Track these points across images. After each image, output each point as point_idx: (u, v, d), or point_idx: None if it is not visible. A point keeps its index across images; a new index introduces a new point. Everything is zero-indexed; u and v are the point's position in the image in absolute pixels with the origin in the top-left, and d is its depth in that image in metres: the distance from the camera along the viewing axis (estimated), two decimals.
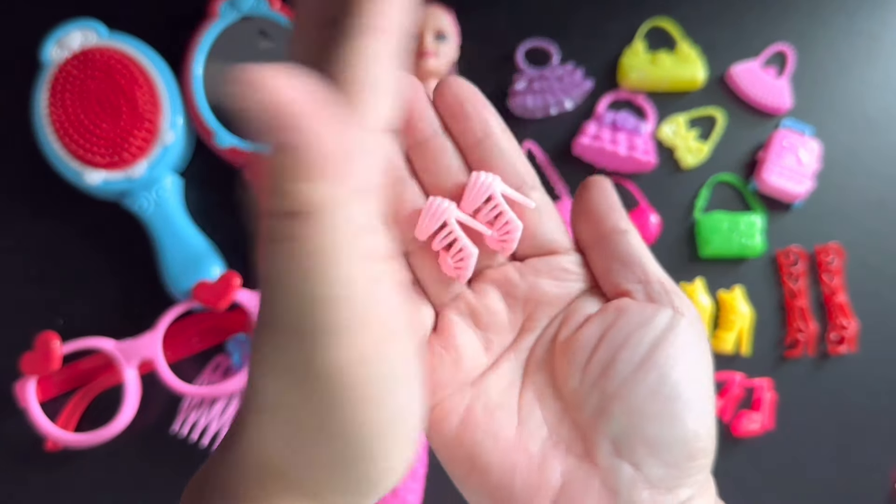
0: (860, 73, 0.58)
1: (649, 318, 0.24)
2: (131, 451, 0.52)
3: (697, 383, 0.23)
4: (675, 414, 0.23)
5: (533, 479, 0.23)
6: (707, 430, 0.23)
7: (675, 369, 0.23)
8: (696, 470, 0.23)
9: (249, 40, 0.56)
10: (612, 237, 0.25)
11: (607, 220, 0.26)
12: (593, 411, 0.23)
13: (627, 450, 0.23)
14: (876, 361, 0.54)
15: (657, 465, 0.23)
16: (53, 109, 0.53)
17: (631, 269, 0.25)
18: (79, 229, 0.57)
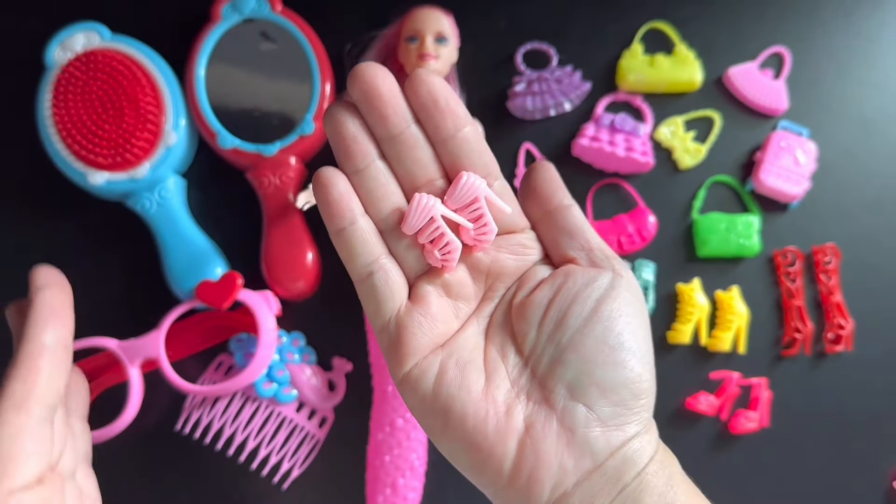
0: (857, 74, 0.59)
1: (593, 279, 0.28)
2: (134, 450, 0.53)
3: (638, 333, 0.27)
4: (620, 359, 0.27)
5: (501, 424, 0.26)
6: (649, 373, 0.28)
7: (618, 321, 0.27)
8: (640, 408, 0.27)
9: (251, 42, 0.56)
10: (557, 212, 0.29)
11: (553, 198, 0.29)
12: (549, 362, 0.27)
13: (580, 392, 0.26)
14: (872, 360, 0.55)
15: (607, 405, 0.26)
16: (57, 111, 0.54)
17: (575, 238, 0.29)
18: (82, 229, 0.57)
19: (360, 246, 0.28)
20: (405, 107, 0.27)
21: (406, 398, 0.28)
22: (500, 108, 0.58)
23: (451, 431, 0.27)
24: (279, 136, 0.55)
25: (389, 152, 0.28)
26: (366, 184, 0.28)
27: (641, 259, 0.56)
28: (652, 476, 0.26)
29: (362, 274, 0.28)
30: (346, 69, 0.58)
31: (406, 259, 0.29)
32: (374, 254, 0.28)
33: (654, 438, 0.28)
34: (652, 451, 0.27)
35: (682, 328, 0.54)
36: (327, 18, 0.58)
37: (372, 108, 0.27)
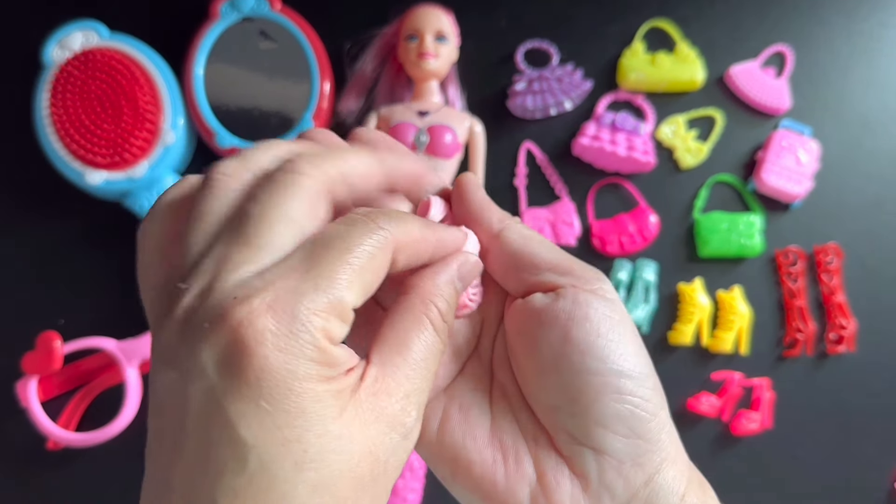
0: (859, 73, 0.59)
1: (550, 308, 0.24)
2: (132, 451, 0.53)
3: (623, 349, 0.24)
4: (612, 386, 0.23)
5: (511, 471, 0.24)
6: (650, 389, 0.24)
7: (595, 344, 0.23)
8: (654, 433, 0.24)
9: (250, 41, 0.56)
10: (492, 245, 0.26)
11: (482, 227, 0.26)
12: (544, 407, 0.25)
13: (583, 436, 0.24)
14: (874, 361, 0.55)
15: (616, 441, 0.23)
16: (55, 110, 0.53)
17: (520, 270, 0.25)
18: (80, 229, 0.57)
19: None
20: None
21: (415, 448, 0.26)
22: (500, 107, 0.58)
23: (460, 479, 0.25)
24: (278, 135, 0.55)
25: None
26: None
27: (643, 259, 0.55)
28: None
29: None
30: (345, 68, 0.57)
31: None
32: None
33: (683, 469, 0.24)
34: (682, 488, 0.24)
35: (684, 328, 0.54)
36: (327, 17, 0.58)
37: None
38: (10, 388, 0.52)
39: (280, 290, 0.19)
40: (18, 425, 0.52)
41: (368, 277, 0.21)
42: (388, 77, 0.57)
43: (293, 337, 0.19)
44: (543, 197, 0.57)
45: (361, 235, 0.21)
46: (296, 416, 0.19)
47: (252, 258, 0.20)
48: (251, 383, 0.18)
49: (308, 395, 0.19)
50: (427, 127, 0.54)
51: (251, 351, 0.19)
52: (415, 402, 0.21)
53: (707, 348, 0.54)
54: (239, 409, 0.18)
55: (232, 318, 0.19)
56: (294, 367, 0.19)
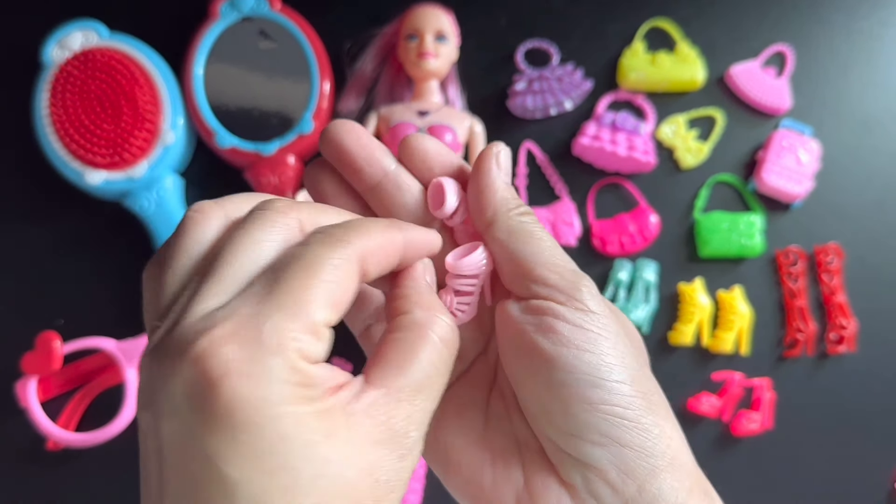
0: (860, 73, 0.58)
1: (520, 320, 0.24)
2: (132, 451, 0.52)
3: (591, 359, 0.23)
4: (578, 396, 0.23)
5: (499, 474, 0.24)
6: (624, 396, 0.23)
7: (561, 357, 0.23)
8: (636, 440, 0.23)
9: (250, 41, 0.56)
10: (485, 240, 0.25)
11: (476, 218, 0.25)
12: (530, 414, 0.24)
13: (563, 443, 0.23)
14: (875, 361, 0.55)
15: (592, 448, 0.23)
16: (54, 110, 0.53)
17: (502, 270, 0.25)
18: (80, 229, 0.57)
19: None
20: (380, 155, 0.25)
21: None
22: (500, 107, 0.57)
23: (450, 479, 0.25)
24: (278, 135, 0.55)
25: (373, 203, 0.26)
26: None
27: (643, 259, 0.55)
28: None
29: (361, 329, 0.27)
30: (345, 67, 0.57)
31: None
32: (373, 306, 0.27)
33: (683, 477, 0.23)
34: (681, 497, 0.23)
35: (684, 328, 0.54)
36: (326, 17, 0.57)
37: (344, 165, 0.26)
38: (10, 388, 0.52)
39: (243, 317, 0.19)
40: (18, 425, 0.52)
41: (337, 292, 0.20)
42: (388, 77, 0.57)
43: (259, 361, 0.18)
44: (544, 197, 0.57)
45: (322, 251, 0.20)
46: (277, 443, 0.18)
47: (219, 291, 0.19)
48: (222, 416, 0.18)
49: (287, 418, 0.18)
50: (427, 127, 0.54)
51: (217, 382, 0.18)
52: (416, 422, 0.21)
53: (707, 348, 0.54)
54: (215, 444, 0.18)
55: (194, 350, 0.18)
56: (265, 393, 0.18)
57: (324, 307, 0.20)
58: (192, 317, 0.19)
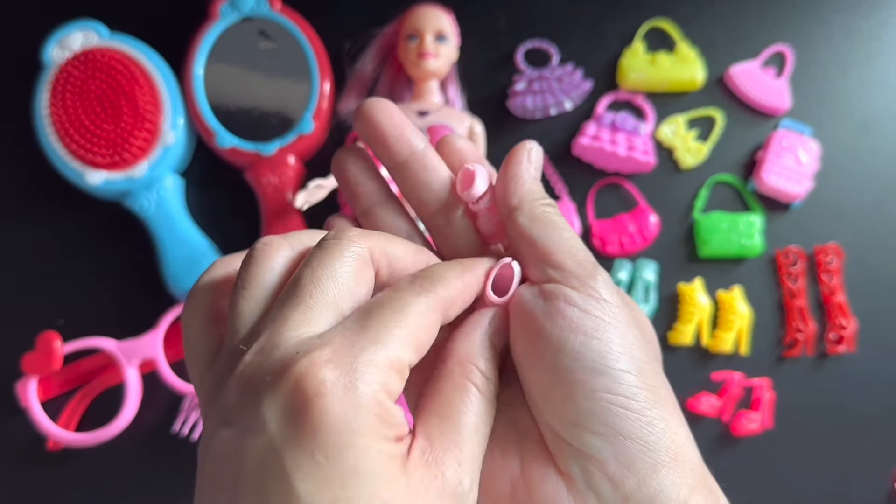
0: (859, 73, 0.59)
1: (530, 305, 0.24)
2: (132, 451, 0.53)
3: (599, 346, 0.23)
4: (583, 383, 0.22)
5: (496, 462, 0.24)
6: (631, 387, 0.22)
7: (568, 342, 0.23)
8: (639, 432, 0.22)
9: (250, 41, 0.56)
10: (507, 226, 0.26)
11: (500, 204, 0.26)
12: (532, 401, 0.24)
13: (564, 432, 0.23)
14: (874, 361, 0.55)
15: (593, 438, 0.22)
16: (54, 110, 0.53)
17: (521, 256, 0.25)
18: (80, 229, 0.57)
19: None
20: (409, 133, 0.26)
21: None
22: (500, 108, 0.58)
23: None
24: (278, 136, 0.55)
25: (399, 181, 0.27)
26: (372, 224, 0.27)
27: (643, 259, 0.55)
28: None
29: None
30: (345, 67, 0.57)
31: None
32: None
33: (687, 474, 0.23)
34: (683, 494, 0.22)
35: (684, 328, 0.54)
36: (326, 17, 0.57)
37: (375, 141, 0.26)
38: (10, 388, 0.52)
39: (339, 346, 0.20)
40: (18, 425, 0.52)
41: (422, 335, 0.22)
42: (388, 77, 0.57)
43: (353, 388, 0.19)
44: None
45: (412, 297, 0.22)
46: (349, 474, 0.19)
47: (309, 319, 0.21)
48: (309, 433, 0.19)
49: (364, 452, 0.19)
50: (427, 127, 0.54)
51: (312, 400, 0.19)
52: (467, 470, 0.21)
53: (707, 348, 0.54)
54: (296, 460, 0.18)
55: (295, 370, 0.19)
56: (352, 419, 0.19)
57: (410, 348, 0.21)
58: (290, 339, 0.20)
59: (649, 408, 0.23)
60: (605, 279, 0.24)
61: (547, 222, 0.25)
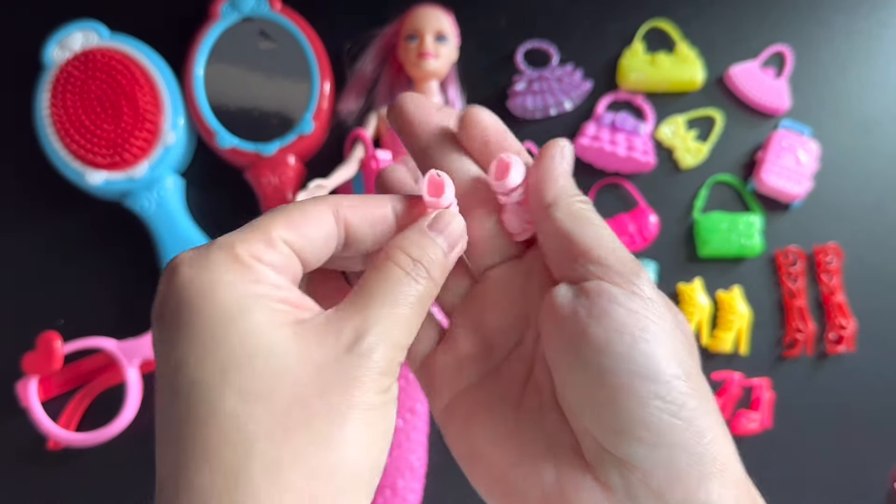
0: (859, 73, 0.59)
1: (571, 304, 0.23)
2: (133, 451, 0.53)
3: (646, 348, 0.21)
4: (630, 388, 0.21)
5: (526, 471, 0.23)
6: (680, 394, 0.21)
7: (614, 344, 0.21)
8: (687, 442, 0.21)
9: (250, 41, 0.56)
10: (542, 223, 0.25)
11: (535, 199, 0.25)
12: (570, 408, 0.23)
13: (606, 440, 0.22)
14: (874, 361, 0.55)
15: (638, 447, 0.21)
16: (55, 110, 0.53)
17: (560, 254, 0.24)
18: (80, 229, 0.57)
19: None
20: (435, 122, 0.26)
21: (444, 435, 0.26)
22: (500, 108, 0.58)
23: (475, 473, 0.24)
24: (278, 136, 0.55)
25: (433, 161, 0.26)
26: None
27: (642, 259, 0.55)
28: None
29: None
30: (345, 68, 0.58)
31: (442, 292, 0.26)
32: None
33: (731, 486, 0.21)
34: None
35: None
36: (326, 17, 0.58)
37: (404, 125, 0.26)
38: (11, 388, 0.52)
39: (209, 242, 0.21)
40: (19, 425, 0.52)
41: (298, 218, 0.22)
42: (388, 77, 0.57)
43: (205, 254, 0.21)
44: None
45: (298, 201, 0.23)
46: (216, 321, 0.19)
47: None
48: (173, 300, 0.20)
49: (228, 298, 0.20)
50: None
51: (171, 273, 0.21)
52: (373, 332, 0.21)
53: (707, 348, 0.55)
54: (167, 330, 0.20)
55: (169, 266, 0.21)
56: (211, 276, 0.20)
57: (281, 227, 0.22)
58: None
59: (699, 416, 0.21)
60: (647, 278, 0.23)
61: (585, 219, 0.24)
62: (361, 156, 0.54)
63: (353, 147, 0.55)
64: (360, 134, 0.55)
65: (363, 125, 0.55)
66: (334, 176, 0.53)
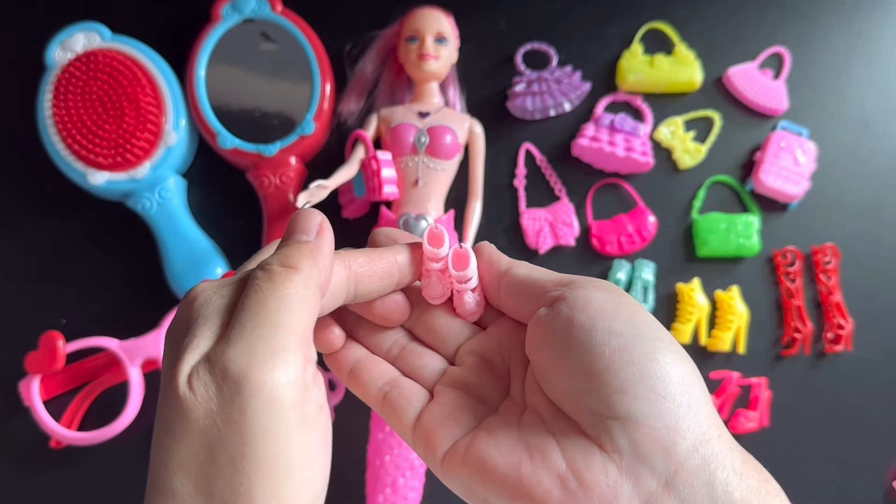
0: (856, 74, 0.59)
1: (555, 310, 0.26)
2: (135, 449, 0.53)
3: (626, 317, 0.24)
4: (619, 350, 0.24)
5: (537, 464, 0.24)
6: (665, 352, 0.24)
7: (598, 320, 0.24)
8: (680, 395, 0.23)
9: (251, 43, 0.57)
10: (503, 282, 0.28)
11: (493, 269, 0.28)
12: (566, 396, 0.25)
13: (606, 407, 0.24)
14: (871, 360, 0.55)
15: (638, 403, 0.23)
16: (57, 111, 0.54)
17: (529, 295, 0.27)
18: (82, 229, 0.57)
19: (369, 378, 0.29)
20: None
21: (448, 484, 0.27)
22: (500, 108, 0.58)
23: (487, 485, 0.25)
24: (279, 137, 0.55)
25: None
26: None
27: (641, 259, 0.56)
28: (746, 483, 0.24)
29: (378, 398, 0.29)
30: (346, 69, 0.58)
31: (421, 371, 0.29)
32: (384, 378, 0.29)
33: (735, 448, 0.24)
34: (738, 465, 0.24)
35: (682, 328, 0.54)
36: (327, 18, 0.58)
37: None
38: (14, 387, 0.52)
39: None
40: (21, 424, 0.52)
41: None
42: (389, 78, 0.58)
43: (276, 366, 0.22)
44: (543, 197, 0.57)
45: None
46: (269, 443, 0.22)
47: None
48: (239, 408, 0.22)
49: (284, 425, 0.22)
50: (427, 128, 0.54)
51: (241, 379, 0.22)
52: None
53: (705, 347, 0.55)
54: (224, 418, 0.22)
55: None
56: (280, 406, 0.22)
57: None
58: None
59: (686, 375, 0.24)
60: (614, 285, 0.26)
61: (539, 269, 0.28)
62: (362, 156, 0.54)
63: (353, 148, 0.55)
64: (360, 135, 0.55)
65: (364, 126, 0.56)
66: (335, 176, 0.53)
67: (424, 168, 0.54)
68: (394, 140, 0.54)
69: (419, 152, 0.54)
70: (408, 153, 0.54)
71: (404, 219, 0.53)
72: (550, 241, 0.56)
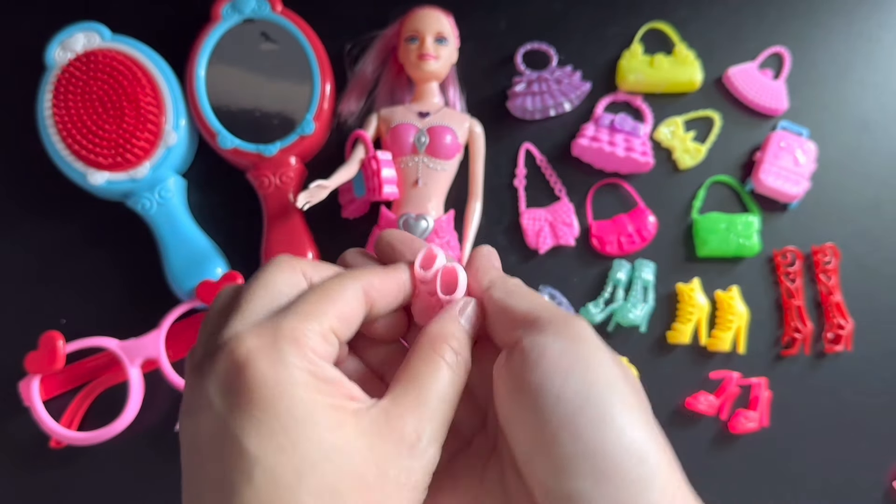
0: (856, 74, 0.59)
1: (508, 362, 0.24)
2: (135, 449, 0.53)
3: (577, 385, 0.22)
4: (565, 423, 0.22)
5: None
6: (605, 422, 0.21)
7: (547, 383, 0.22)
8: (629, 472, 0.21)
9: (251, 43, 0.57)
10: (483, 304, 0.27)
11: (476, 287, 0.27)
12: (521, 461, 0.24)
13: (553, 483, 0.22)
14: (871, 360, 0.55)
15: (583, 483, 0.21)
16: (57, 111, 0.54)
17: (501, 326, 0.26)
18: (82, 229, 0.57)
19: None
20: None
21: None
22: (500, 108, 0.58)
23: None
24: (279, 137, 0.55)
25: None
26: None
27: (641, 259, 0.56)
28: None
29: None
30: (346, 69, 0.58)
31: None
32: None
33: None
34: None
35: (682, 328, 0.54)
36: (327, 18, 0.58)
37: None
38: (14, 387, 0.52)
39: (262, 323, 0.22)
40: (21, 424, 0.52)
41: (345, 309, 0.24)
42: (389, 78, 0.58)
43: (277, 348, 0.21)
44: (542, 197, 0.57)
45: (334, 281, 0.24)
46: (288, 423, 0.20)
47: (242, 318, 0.23)
48: (245, 395, 0.21)
49: (300, 402, 0.21)
50: (427, 128, 0.54)
51: (242, 366, 0.21)
52: (428, 429, 0.23)
53: (705, 347, 0.55)
54: (239, 421, 0.20)
55: (225, 346, 0.22)
56: (283, 375, 0.21)
57: (334, 318, 0.23)
58: (224, 333, 0.22)
59: (644, 437, 0.22)
60: (584, 323, 0.24)
61: (517, 294, 0.26)
62: (362, 156, 0.54)
63: (353, 148, 0.55)
64: (360, 135, 0.55)
65: (364, 126, 0.56)
66: (335, 176, 0.53)
67: (424, 168, 0.54)
68: (394, 140, 0.54)
69: (419, 152, 0.54)
70: (408, 153, 0.54)
71: (404, 219, 0.53)
72: (550, 241, 0.56)
